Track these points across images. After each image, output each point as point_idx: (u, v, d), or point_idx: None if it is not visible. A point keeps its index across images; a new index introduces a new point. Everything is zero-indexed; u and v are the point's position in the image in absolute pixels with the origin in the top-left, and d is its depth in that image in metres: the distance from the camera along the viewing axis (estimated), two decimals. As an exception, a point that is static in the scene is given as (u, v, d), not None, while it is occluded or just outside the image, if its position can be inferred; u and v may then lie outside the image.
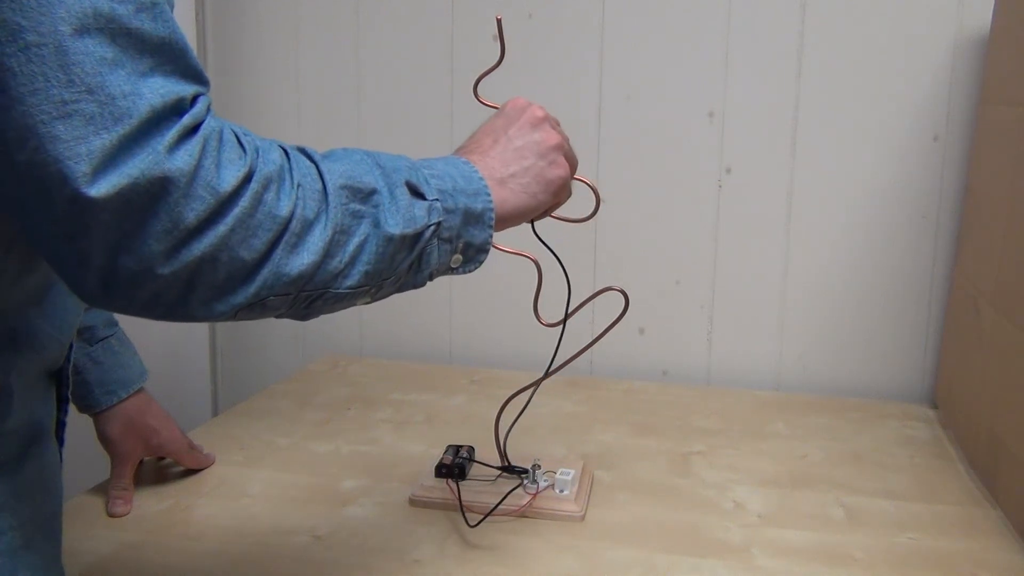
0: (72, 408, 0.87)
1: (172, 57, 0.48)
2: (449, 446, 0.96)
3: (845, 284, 1.29)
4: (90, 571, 0.78)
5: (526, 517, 0.88)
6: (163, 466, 0.99)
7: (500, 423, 0.93)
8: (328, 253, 0.54)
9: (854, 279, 1.29)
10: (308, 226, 0.53)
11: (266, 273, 0.52)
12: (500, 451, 0.94)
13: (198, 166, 0.48)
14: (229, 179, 0.49)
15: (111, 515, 0.87)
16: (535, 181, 0.70)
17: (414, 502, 0.90)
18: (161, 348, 1.35)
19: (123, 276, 0.47)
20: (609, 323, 0.86)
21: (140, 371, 0.91)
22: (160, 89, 0.47)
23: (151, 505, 0.90)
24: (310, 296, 0.55)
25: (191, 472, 0.97)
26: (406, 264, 0.60)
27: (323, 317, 1.32)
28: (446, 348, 1.43)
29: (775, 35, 1.25)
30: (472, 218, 0.64)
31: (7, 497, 0.58)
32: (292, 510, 0.89)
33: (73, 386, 0.86)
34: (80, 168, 0.44)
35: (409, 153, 1.25)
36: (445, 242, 0.63)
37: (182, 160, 0.47)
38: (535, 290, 0.88)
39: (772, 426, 1.14)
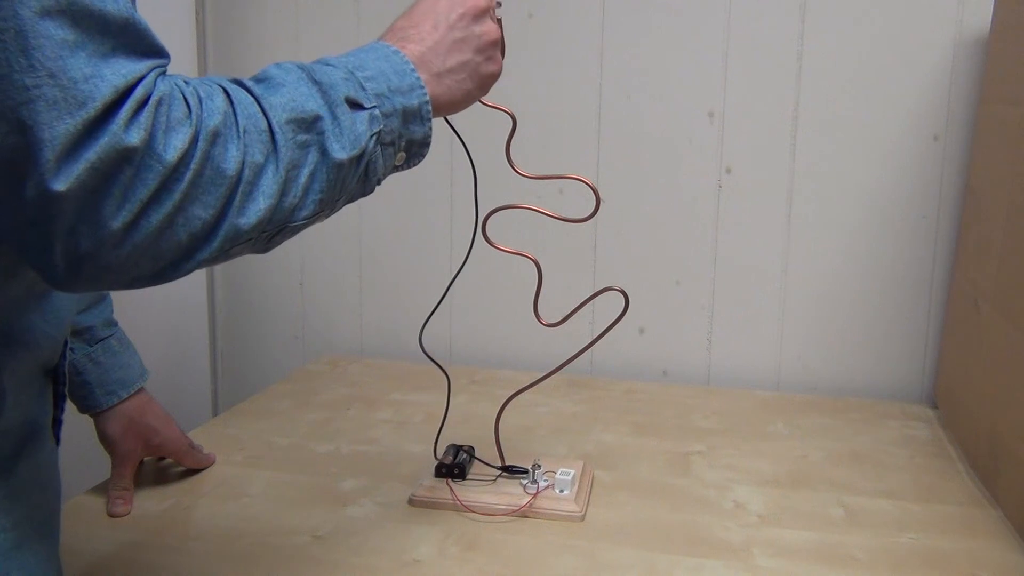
0: (72, 408, 0.87)
1: (135, 37, 0.48)
2: (449, 446, 0.96)
3: (845, 284, 1.29)
4: (90, 571, 0.78)
5: (526, 517, 0.88)
6: (163, 466, 0.99)
7: (500, 423, 0.93)
8: (283, 192, 0.54)
9: (854, 279, 1.29)
10: (259, 171, 0.53)
11: (227, 227, 0.51)
12: (499, 451, 0.94)
13: (150, 137, 0.47)
14: (177, 144, 0.48)
15: (111, 515, 0.87)
16: (470, 77, 0.69)
17: (414, 502, 0.90)
18: (161, 348, 1.35)
19: (86, 258, 0.47)
20: (609, 323, 0.86)
21: (140, 371, 0.91)
22: (122, 70, 0.46)
23: (151, 505, 0.90)
24: (268, 235, 0.55)
25: (191, 472, 0.97)
26: (354, 179, 0.60)
27: (324, 319, 1.33)
28: (446, 348, 1.43)
29: (775, 35, 1.25)
30: (410, 115, 0.63)
31: (1, 498, 0.58)
32: (292, 510, 0.89)
33: (73, 386, 0.86)
34: (45, 156, 0.44)
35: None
36: (388, 146, 0.62)
37: (136, 135, 0.46)
38: (535, 290, 0.88)
39: (772, 426, 1.14)
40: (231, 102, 0.53)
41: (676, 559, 0.81)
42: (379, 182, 0.64)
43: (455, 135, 0.81)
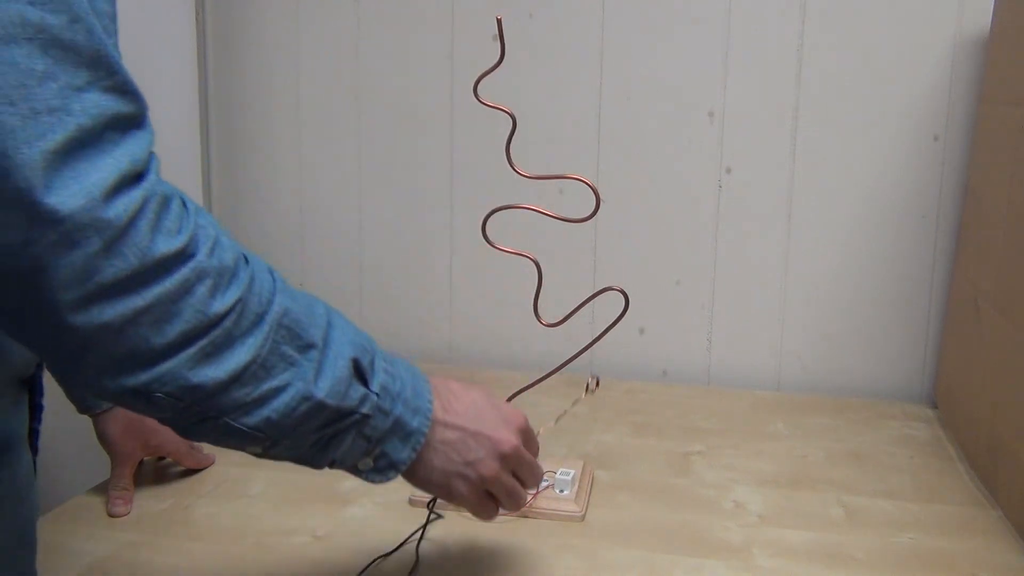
0: (71, 408, 0.87)
1: (108, 73, 0.46)
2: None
3: (845, 284, 1.29)
4: (90, 571, 0.78)
5: (526, 517, 0.88)
6: (163, 466, 0.99)
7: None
8: (239, 380, 0.51)
9: (854, 279, 1.29)
10: (231, 342, 0.50)
11: (168, 367, 0.48)
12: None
13: (130, 224, 0.45)
14: (161, 248, 0.46)
15: (111, 515, 0.87)
16: (446, 481, 0.65)
17: (414, 502, 0.90)
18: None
19: (24, 304, 0.44)
20: (609, 323, 0.86)
21: (140, 372, 0.91)
22: (91, 108, 0.44)
23: (151, 505, 0.90)
24: (202, 415, 0.51)
25: (191, 472, 0.97)
26: (313, 436, 0.56)
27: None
28: (446, 348, 1.43)
29: (775, 35, 1.25)
30: (400, 431, 0.60)
31: None
32: (292, 510, 0.89)
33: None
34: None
35: (410, 154, 1.27)
36: (363, 438, 0.59)
37: (115, 211, 0.44)
38: (535, 290, 0.88)
39: (772, 426, 1.14)
40: (247, 268, 0.51)
41: (676, 559, 0.81)
42: (331, 464, 0.60)
43: None
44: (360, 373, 0.58)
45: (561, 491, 0.90)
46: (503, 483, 0.66)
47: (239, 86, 1.43)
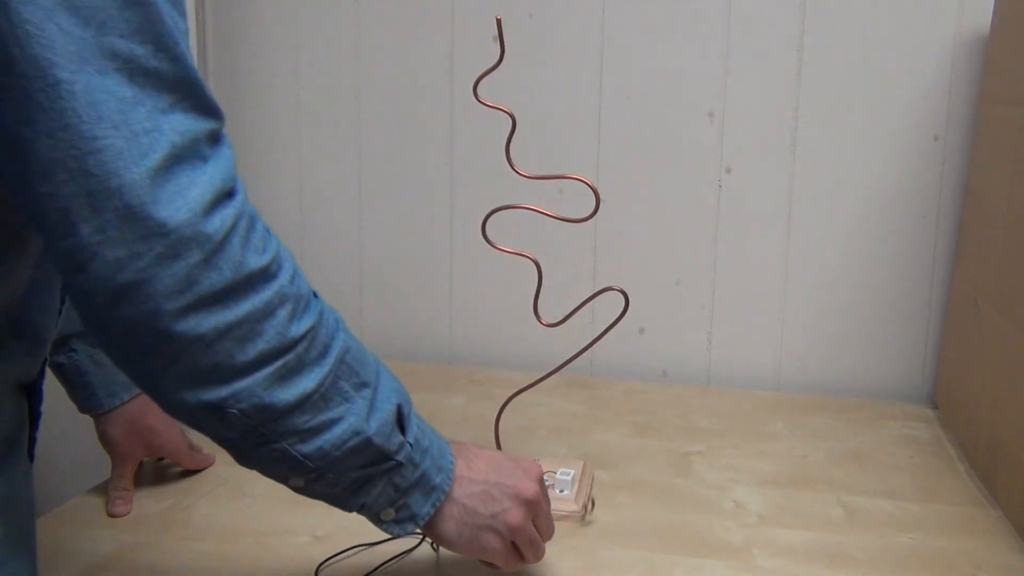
0: (71, 408, 0.87)
1: (189, 93, 0.49)
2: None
3: (845, 284, 1.29)
4: (90, 571, 0.78)
5: (526, 517, 0.88)
6: (163, 466, 0.99)
7: (500, 423, 0.93)
8: (302, 406, 0.53)
9: (854, 279, 1.29)
10: (300, 368, 0.53)
11: (246, 383, 0.51)
12: (499, 449, 0.94)
13: (226, 239, 0.48)
14: (252, 264, 0.50)
15: (111, 515, 0.87)
16: (476, 536, 0.66)
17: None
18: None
19: (127, 315, 0.47)
20: (609, 323, 0.86)
21: (142, 372, 0.91)
22: (179, 127, 0.48)
23: (151, 505, 0.90)
24: (264, 437, 0.54)
25: (191, 472, 0.97)
26: (354, 474, 0.59)
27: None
28: (446, 348, 1.43)
29: (775, 35, 1.25)
30: (424, 485, 0.62)
31: None
32: (292, 510, 0.89)
33: (75, 387, 0.86)
34: (113, 204, 0.46)
35: (410, 153, 1.27)
36: (392, 487, 0.61)
37: (214, 226, 0.48)
38: (535, 290, 0.88)
39: (772, 426, 1.14)
40: (320, 306, 0.55)
41: (676, 559, 0.81)
42: (359, 509, 0.62)
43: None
44: (401, 421, 0.60)
45: (561, 491, 0.90)
46: (528, 533, 0.67)
47: (239, 86, 1.43)
